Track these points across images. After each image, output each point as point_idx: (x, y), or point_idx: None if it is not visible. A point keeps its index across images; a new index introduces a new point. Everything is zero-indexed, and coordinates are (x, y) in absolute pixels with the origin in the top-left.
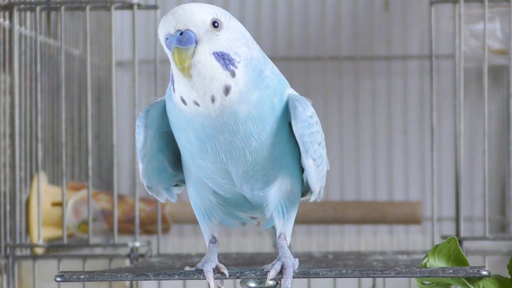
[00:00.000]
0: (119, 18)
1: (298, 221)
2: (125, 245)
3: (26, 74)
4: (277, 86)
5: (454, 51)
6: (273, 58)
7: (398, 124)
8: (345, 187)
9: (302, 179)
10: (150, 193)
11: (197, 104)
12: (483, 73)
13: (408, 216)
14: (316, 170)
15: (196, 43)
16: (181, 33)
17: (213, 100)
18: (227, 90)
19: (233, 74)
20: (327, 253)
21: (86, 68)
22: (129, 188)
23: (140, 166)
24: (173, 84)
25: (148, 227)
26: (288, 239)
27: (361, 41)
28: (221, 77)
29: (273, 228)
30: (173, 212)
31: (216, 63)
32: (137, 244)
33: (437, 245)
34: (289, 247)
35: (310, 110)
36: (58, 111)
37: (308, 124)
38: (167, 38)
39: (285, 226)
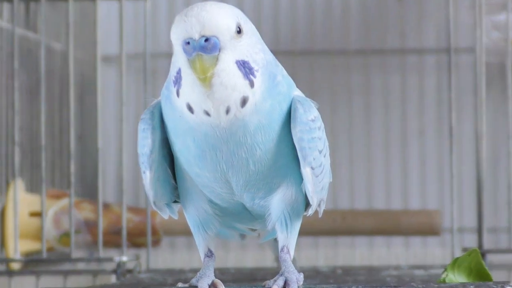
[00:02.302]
0: (105, 9)
1: (303, 232)
2: (110, 259)
3: (2, 70)
4: (287, 91)
5: (474, 44)
6: (274, 52)
7: (414, 125)
8: (356, 194)
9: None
10: (155, 208)
11: (208, 114)
12: (507, 68)
13: (425, 226)
14: (314, 180)
15: (219, 50)
16: (206, 39)
17: (227, 111)
18: (244, 102)
19: (252, 84)
20: (335, 268)
21: (68, 64)
22: (115, 196)
23: (148, 176)
24: (178, 88)
25: (137, 239)
26: (292, 252)
27: (372, 33)
28: (241, 87)
29: (275, 240)
30: (164, 223)
31: (238, 72)
32: (124, 258)
33: (457, 258)
34: (293, 261)
35: (313, 114)
36: (37, 111)
37: (309, 128)
38: (188, 43)
39: (289, 238)
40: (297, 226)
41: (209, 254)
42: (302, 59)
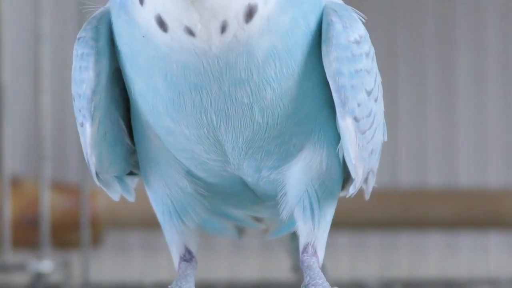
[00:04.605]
0: None
1: (340, 224)
2: (22, 267)
3: None
4: None
5: None
6: None
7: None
8: (424, 163)
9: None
10: (98, 183)
11: (191, 33)
12: None
13: None
14: (359, 138)
15: None
16: None
17: (223, 29)
18: (250, 14)
19: None
20: (392, 282)
21: None
22: (28, 165)
23: (88, 131)
24: None
25: (65, 235)
26: (321, 254)
27: None
28: None
29: (294, 236)
30: (111, 209)
31: None
32: (46, 265)
33: None
34: (322, 268)
35: (358, 32)
36: None
37: (351, 55)
38: None
39: (316, 233)
40: (329, 213)
41: (188, 257)
42: None
